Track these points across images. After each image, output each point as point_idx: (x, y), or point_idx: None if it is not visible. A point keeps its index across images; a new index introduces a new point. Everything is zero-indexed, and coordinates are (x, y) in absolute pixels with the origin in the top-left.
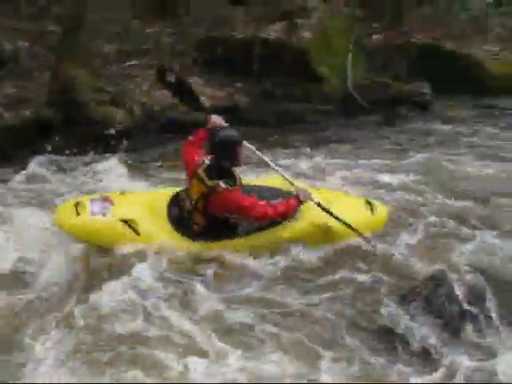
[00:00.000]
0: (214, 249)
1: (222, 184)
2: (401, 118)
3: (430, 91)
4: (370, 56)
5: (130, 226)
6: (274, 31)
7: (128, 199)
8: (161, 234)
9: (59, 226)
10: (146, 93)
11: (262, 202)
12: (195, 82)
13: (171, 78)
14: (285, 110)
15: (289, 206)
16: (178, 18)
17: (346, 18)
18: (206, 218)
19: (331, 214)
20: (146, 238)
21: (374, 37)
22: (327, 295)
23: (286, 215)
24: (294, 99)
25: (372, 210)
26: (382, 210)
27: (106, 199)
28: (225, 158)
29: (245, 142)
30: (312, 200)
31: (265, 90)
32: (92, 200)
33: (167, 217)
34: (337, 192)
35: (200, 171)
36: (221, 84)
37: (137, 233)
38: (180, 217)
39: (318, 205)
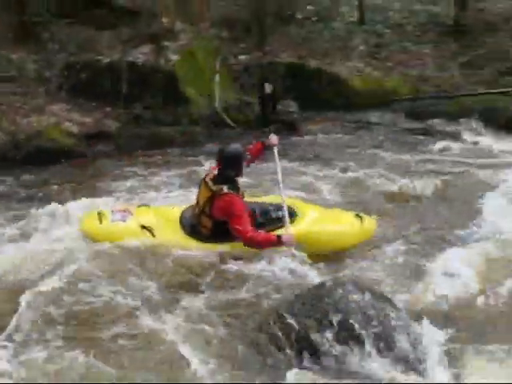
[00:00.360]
0: (223, 250)
1: (225, 189)
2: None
3: (298, 109)
4: (237, 76)
5: (147, 230)
6: (141, 54)
7: (145, 211)
8: (174, 236)
9: (84, 232)
10: (13, 121)
11: (252, 227)
12: (61, 108)
13: (269, 90)
14: (155, 134)
15: (268, 240)
16: (42, 44)
17: (213, 39)
18: (213, 221)
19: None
20: (160, 239)
21: (241, 57)
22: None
23: (261, 246)
24: (163, 122)
25: (362, 221)
26: (370, 222)
27: (125, 210)
28: (230, 168)
29: (276, 154)
30: (291, 249)
31: (134, 114)
32: (113, 210)
33: (179, 224)
34: (331, 208)
35: (207, 179)
36: (89, 109)
37: (153, 235)
38: (190, 223)
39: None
